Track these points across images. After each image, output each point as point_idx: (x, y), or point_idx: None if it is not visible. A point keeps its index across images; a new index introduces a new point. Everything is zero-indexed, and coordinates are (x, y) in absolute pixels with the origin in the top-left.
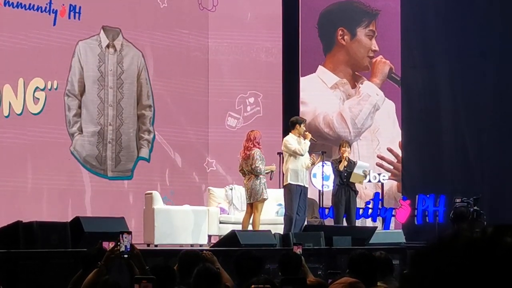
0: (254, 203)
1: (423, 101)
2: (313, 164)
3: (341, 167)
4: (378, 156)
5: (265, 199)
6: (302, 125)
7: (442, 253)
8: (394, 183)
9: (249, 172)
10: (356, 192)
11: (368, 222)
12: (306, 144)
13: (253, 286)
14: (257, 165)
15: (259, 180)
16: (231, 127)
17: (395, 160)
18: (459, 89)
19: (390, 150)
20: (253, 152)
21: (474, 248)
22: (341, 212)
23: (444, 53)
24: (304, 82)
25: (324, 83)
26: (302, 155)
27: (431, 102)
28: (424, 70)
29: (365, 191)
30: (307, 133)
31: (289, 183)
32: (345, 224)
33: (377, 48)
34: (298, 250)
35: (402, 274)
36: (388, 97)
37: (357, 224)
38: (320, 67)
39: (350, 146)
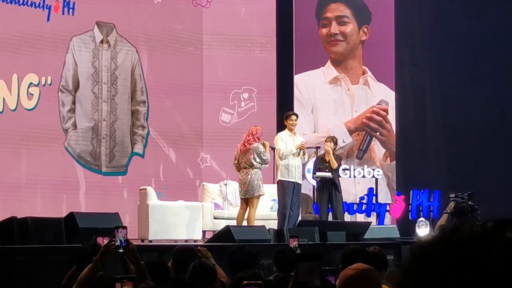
0: (250, 198)
1: (417, 97)
2: (304, 154)
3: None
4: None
5: (261, 195)
6: (287, 120)
7: (443, 247)
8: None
9: (246, 166)
10: (337, 187)
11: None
12: (296, 141)
13: (245, 282)
14: (266, 154)
15: (256, 175)
16: (225, 123)
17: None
18: (452, 85)
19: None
20: (255, 145)
21: (474, 243)
22: (324, 207)
23: (436, 49)
24: (302, 77)
25: (324, 78)
26: (280, 158)
27: (424, 99)
28: (418, 67)
29: (358, 187)
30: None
31: (280, 180)
32: (330, 219)
33: (337, 31)
34: (294, 243)
35: (403, 267)
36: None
37: (351, 220)
38: (328, 63)
39: (335, 142)
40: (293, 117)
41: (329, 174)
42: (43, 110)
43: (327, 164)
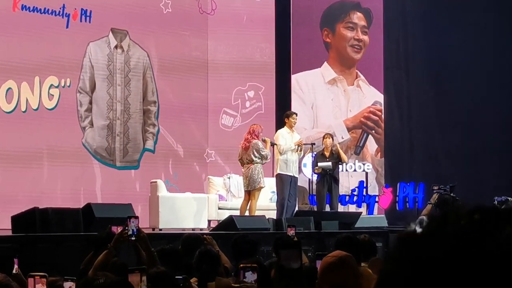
0: (251, 191)
1: (401, 98)
2: (301, 150)
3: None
4: (364, 116)
5: (262, 187)
6: (290, 118)
7: (429, 239)
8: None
9: (248, 161)
10: (337, 181)
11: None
12: (294, 138)
13: (242, 265)
14: (264, 150)
15: (257, 170)
16: (227, 124)
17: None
18: (439, 84)
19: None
20: (254, 142)
21: (461, 237)
22: (323, 199)
23: (420, 54)
24: (300, 78)
25: (322, 78)
26: (280, 153)
27: (409, 100)
28: (402, 70)
29: (350, 180)
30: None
31: (279, 173)
32: (328, 210)
33: (361, 37)
34: (291, 232)
35: (387, 254)
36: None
37: (343, 210)
38: (325, 64)
39: (332, 137)
40: (295, 116)
41: (329, 164)
42: (63, 109)
43: (327, 160)
